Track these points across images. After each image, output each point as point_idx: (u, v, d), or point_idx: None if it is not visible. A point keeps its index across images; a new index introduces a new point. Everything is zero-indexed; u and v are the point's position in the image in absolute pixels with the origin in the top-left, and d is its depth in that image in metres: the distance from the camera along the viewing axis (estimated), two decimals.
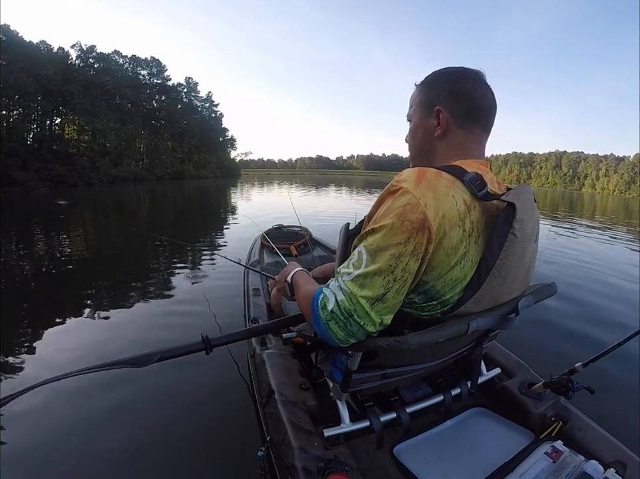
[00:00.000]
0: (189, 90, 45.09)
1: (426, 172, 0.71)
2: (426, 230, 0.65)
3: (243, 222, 7.58)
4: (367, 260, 0.68)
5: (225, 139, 52.87)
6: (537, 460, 0.88)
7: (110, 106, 29.94)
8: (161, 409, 1.72)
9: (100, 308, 3.02)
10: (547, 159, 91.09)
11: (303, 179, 40.07)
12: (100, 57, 32.36)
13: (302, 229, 3.47)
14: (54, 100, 25.00)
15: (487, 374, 1.18)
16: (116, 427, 1.59)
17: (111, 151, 29.56)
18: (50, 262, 4.59)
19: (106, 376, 1.18)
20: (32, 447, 1.46)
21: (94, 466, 1.40)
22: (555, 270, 4.58)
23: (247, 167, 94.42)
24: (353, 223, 0.89)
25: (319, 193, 19.52)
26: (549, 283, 0.94)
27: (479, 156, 0.83)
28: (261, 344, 1.38)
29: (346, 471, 0.82)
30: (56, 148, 24.31)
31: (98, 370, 0.77)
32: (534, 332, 2.50)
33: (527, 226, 0.74)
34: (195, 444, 1.48)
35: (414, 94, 0.89)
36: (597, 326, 2.79)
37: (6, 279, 3.71)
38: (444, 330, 0.72)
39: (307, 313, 0.77)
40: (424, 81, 0.87)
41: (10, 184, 18.20)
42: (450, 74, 0.83)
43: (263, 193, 19.41)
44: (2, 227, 7.13)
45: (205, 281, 3.72)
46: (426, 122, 0.84)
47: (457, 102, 0.80)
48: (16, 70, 21.25)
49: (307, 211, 9.43)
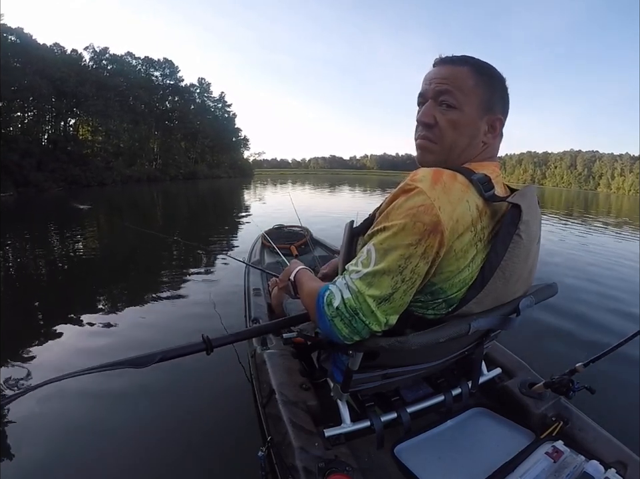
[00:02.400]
0: (202, 91, 45.32)
1: (442, 174, 0.69)
2: (439, 234, 0.64)
3: (252, 221, 7.65)
4: (376, 259, 0.67)
5: (238, 139, 53.16)
6: (538, 460, 0.87)
7: (123, 107, 30.26)
8: (162, 409, 1.71)
9: (105, 308, 3.03)
10: (562, 159, 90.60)
11: (316, 179, 40.56)
12: (113, 59, 32.76)
13: (303, 229, 3.44)
14: (68, 101, 25.33)
15: (488, 374, 1.17)
16: (117, 427, 1.59)
17: (125, 151, 29.84)
18: (60, 262, 4.71)
19: (107, 376, 1.21)
20: (32, 447, 1.46)
21: (93, 466, 1.39)
22: (555, 270, 4.55)
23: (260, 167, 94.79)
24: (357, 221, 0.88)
25: (333, 193, 19.76)
26: (550, 283, 0.94)
27: (495, 158, 0.83)
28: (262, 344, 1.38)
29: (347, 471, 0.82)
30: (70, 149, 24.67)
31: (100, 370, 0.77)
32: (535, 333, 2.50)
33: (532, 227, 0.74)
34: (196, 444, 1.48)
35: (459, 74, 0.76)
36: (598, 326, 2.79)
37: (9, 281, 3.82)
38: (445, 330, 0.72)
39: (311, 309, 0.76)
40: (482, 72, 0.77)
41: (25, 185, 18.50)
42: (502, 79, 0.80)
43: (277, 193, 19.42)
44: (19, 227, 7.46)
45: (210, 281, 3.75)
46: (480, 122, 0.78)
47: (506, 110, 0.80)
48: (30, 72, 21.61)
49: (320, 211, 9.43)
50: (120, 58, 33.64)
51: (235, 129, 51.93)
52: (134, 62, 35.85)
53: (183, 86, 41.18)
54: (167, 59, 38.69)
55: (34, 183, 19.15)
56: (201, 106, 44.67)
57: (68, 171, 22.20)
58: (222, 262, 4.38)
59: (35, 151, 21.26)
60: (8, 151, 18.93)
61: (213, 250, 5.14)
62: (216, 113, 48.01)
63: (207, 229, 7.48)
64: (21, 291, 3.53)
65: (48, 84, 22.49)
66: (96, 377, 1.68)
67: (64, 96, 24.63)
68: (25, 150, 20.22)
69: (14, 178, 18.18)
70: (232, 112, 50.37)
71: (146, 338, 2.44)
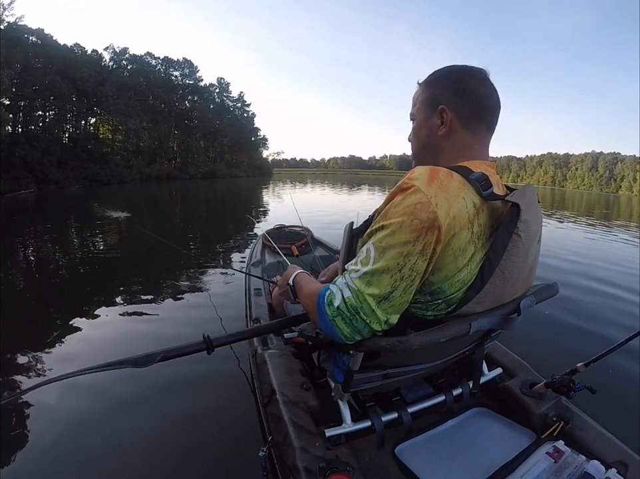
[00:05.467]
0: (221, 91, 45.50)
1: (439, 172, 0.70)
2: (436, 230, 0.64)
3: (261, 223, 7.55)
4: (375, 257, 0.67)
5: (257, 138, 53.34)
6: (539, 460, 0.87)
7: (143, 107, 30.57)
8: (162, 409, 1.70)
9: (108, 308, 2.97)
10: (583, 161, 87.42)
11: (335, 179, 40.63)
12: (133, 59, 33.16)
13: (303, 229, 3.46)
14: (88, 100, 25.65)
15: (488, 374, 1.16)
16: (117, 427, 1.57)
17: (144, 150, 30.12)
18: (64, 261, 4.77)
19: (108, 376, 1.19)
20: (31, 447, 1.46)
21: (93, 465, 1.38)
22: (556, 271, 4.52)
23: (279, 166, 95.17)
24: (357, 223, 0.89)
25: (351, 193, 19.90)
26: (550, 283, 0.93)
27: (484, 157, 0.82)
28: (263, 344, 1.38)
29: (348, 471, 0.82)
30: (90, 147, 25.09)
31: (101, 370, 0.77)
32: (535, 333, 2.46)
33: (531, 227, 0.73)
34: (197, 443, 1.46)
35: (417, 92, 0.87)
36: (599, 327, 2.78)
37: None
38: (446, 330, 0.71)
39: (312, 310, 0.76)
40: (428, 79, 0.85)
41: (46, 182, 18.74)
42: (454, 72, 0.81)
43: (296, 192, 19.10)
44: (36, 223, 7.49)
45: (212, 281, 3.72)
46: (430, 120, 0.82)
47: (462, 101, 0.79)
48: (52, 72, 22.05)
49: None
50: (139, 58, 34.03)
51: (254, 128, 52.05)
52: (154, 62, 36.13)
53: (202, 86, 41.42)
54: (187, 59, 38.91)
55: (55, 180, 19.47)
56: (220, 106, 44.83)
57: (88, 169, 22.54)
58: (224, 268, 4.37)
59: (56, 149, 21.62)
60: (30, 149, 19.31)
61: (217, 260, 5.04)
62: (235, 112, 48.15)
63: (220, 232, 7.33)
64: (25, 287, 3.62)
65: (69, 83, 22.81)
66: (97, 377, 1.68)
67: (85, 95, 24.96)
68: (46, 148, 20.57)
69: (35, 175, 18.48)
70: (251, 112, 50.51)
71: (147, 337, 2.43)
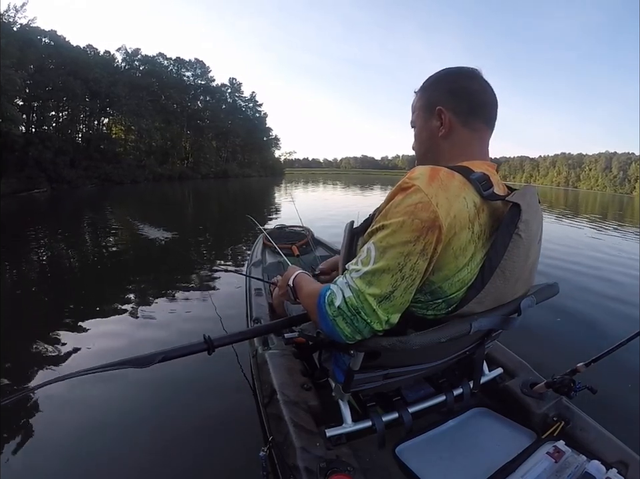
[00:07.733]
0: (233, 91, 45.56)
1: (439, 171, 0.69)
2: (436, 229, 0.64)
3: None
4: (376, 257, 0.67)
5: (269, 138, 53.35)
6: (539, 460, 0.87)
7: (155, 107, 30.73)
8: (163, 409, 1.69)
9: (108, 309, 3.00)
10: (597, 161, 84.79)
11: (347, 180, 40.48)
12: (145, 59, 33.41)
13: (304, 229, 3.46)
14: (101, 101, 25.76)
15: (489, 374, 1.15)
16: (118, 427, 1.56)
17: (157, 150, 30.31)
18: (68, 260, 4.82)
19: (108, 376, 1.25)
20: (32, 447, 1.46)
21: (94, 465, 1.38)
22: (559, 269, 4.49)
23: (291, 166, 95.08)
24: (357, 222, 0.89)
25: (364, 192, 19.90)
26: (551, 283, 0.93)
27: (484, 156, 0.82)
28: (263, 344, 1.39)
29: (348, 471, 0.82)
30: (103, 147, 25.15)
31: (102, 370, 0.77)
32: (536, 332, 2.45)
33: (532, 227, 0.73)
34: (197, 444, 1.46)
35: (414, 100, 0.89)
36: (599, 327, 2.78)
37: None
38: (447, 330, 0.71)
39: (312, 310, 0.76)
40: (423, 86, 0.87)
41: (59, 181, 18.81)
42: (447, 75, 0.84)
43: (307, 193, 18.94)
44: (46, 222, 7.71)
45: (213, 281, 3.74)
46: (430, 124, 0.83)
47: (457, 100, 0.80)
48: (64, 73, 22.19)
49: None
50: (151, 58, 34.27)
51: (266, 128, 52.04)
52: (166, 62, 36.38)
53: (214, 86, 41.52)
54: (199, 59, 39.16)
55: (68, 179, 19.57)
56: (232, 106, 44.88)
57: (101, 169, 22.63)
58: (225, 269, 4.29)
59: (69, 149, 21.76)
60: (43, 149, 19.45)
61: (219, 260, 5.03)
62: (247, 112, 48.18)
63: (228, 231, 7.29)
64: (25, 288, 3.65)
65: (82, 84, 22.91)
66: (98, 377, 1.69)
67: (98, 96, 25.06)
68: (59, 148, 20.70)
69: (48, 175, 18.58)
70: (263, 112, 50.47)
71: (148, 337, 2.44)
